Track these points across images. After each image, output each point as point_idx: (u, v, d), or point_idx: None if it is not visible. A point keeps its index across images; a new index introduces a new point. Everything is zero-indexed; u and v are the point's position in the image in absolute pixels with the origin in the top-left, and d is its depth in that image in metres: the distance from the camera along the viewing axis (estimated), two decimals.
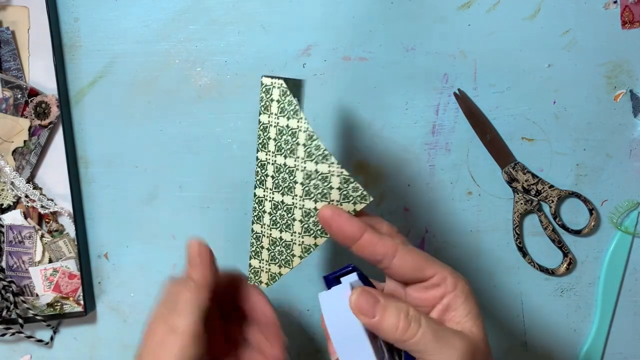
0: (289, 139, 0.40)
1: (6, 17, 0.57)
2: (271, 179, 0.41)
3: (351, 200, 0.39)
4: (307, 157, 0.40)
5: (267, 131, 0.41)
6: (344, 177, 0.38)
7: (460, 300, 0.36)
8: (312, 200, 0.40)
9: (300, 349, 0.60)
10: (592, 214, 0.58)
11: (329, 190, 0.39)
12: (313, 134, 0.39)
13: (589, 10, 0.58)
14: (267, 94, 0.41)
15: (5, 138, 0.57)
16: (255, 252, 0.43)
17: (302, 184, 0.40)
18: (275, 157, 0.41)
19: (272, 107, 0.41)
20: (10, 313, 0.56)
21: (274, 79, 0.40)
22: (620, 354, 0.61)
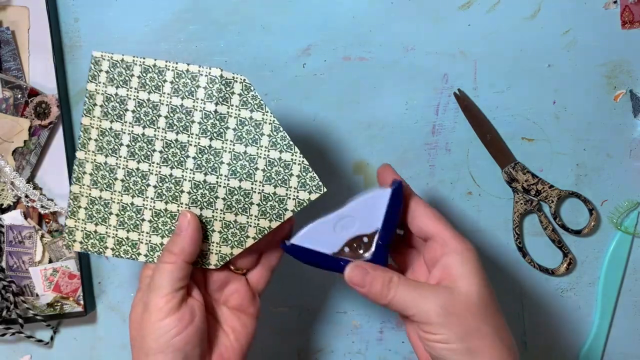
0: (252, 130, 0.43)
1: (6, 17, 0.57)
2: (227, 166, 0.43)
3: (307, 189, 0.43)
4: (272, 146, 0.43)
5: (224, 120, 0.43)
6: (304, 165, 0.43)
7: (457, 262, 0.40)
8: (272, 186, 0.43)
9: (300, 349, 0.60)
10: (592, 214, 0.58)
11: (290, 177, 0.43)
12: (278, 125, 0.43)
13: (589, 10, 0.58)
14: (227, 86, 0.43)
15: (5, 138, 0.57)
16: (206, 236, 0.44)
17: (264, 170, 0.43)
18: (235, 147, 0.43)
19: (232, 100, 0.43)
20: (10, 313, 0.56)
21: (234, 74, 0.43)
22: (620, 354, 0.61)
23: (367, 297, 0.42)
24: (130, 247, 0.44)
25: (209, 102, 0.43)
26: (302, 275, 0.60)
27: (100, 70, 0.44)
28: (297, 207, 0.44)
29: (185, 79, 0.44)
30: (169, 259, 0.42)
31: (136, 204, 0.44)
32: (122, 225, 0.45)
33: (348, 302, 0.60)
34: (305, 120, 0.58)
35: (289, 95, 0.58)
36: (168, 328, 0.40)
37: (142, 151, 0.44)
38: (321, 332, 0.60)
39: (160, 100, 0.44)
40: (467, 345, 0.38)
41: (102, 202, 0.45)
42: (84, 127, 0.45)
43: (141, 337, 0.40)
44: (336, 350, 0.60)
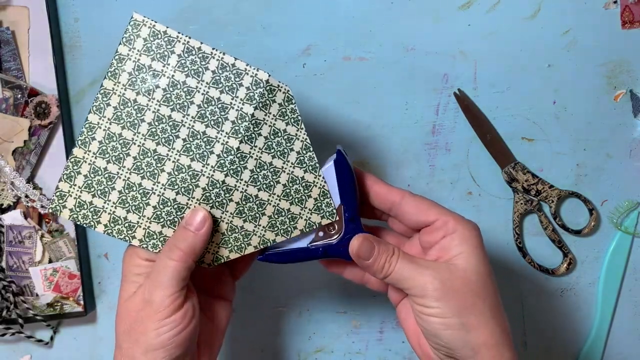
0: (283, 142, 0.42)
1: (6, 17, 0.57)
2: (249, 172, 0.42)
3: (321, 213, 0.43)
4: (298, 163, 0.42)
5: (259, 127, 0.42)
6: (324, 190, 0.43)
7: (455, 242, 0.40)
8: (288, 202, 0.43)
9: (300, 349, 0.60)
10: (592, 214, 0.58)
11: (308, 198, 0.43)
12: (310, 145, 0.42)
13: (589, 10, 0.58)
14: (270, 93, 0.41)
15: (5, 138, 0.57)
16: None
17: (284, 184, 0.42)
18: (262, 156, 0.42)
19: (272, 109, 0.42)
20: (10, 313, 0.56)
21: (280, 82, 0.42)
22: (620, 354, 0.61)
23: (366, 270, 0.42)
24: (126, 228, 0.42)
25: (248, 103, 0.41)
26: (302, 275, 0.60)
27: (138, 36, 0.41)
28: (306, 228, 0.43)
29: (228, 73, 0.41)
30: (177, 257, 0.40)
31: (144, 186, 0.41)
32: (122, 203, 0.42)
33: (348, 302, 0.60)
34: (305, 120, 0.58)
35: None
36: (173, 325, 0.39)
37: (165, 134, 0.41)
38: (321, 332, 0.60)
39: (197, 86, 0.41)
40: (461, 321, 0.38)
41: (107, 174, 0.41)
42: (104, 90, 0.41)
43: (139, 332, 0.39)
44: (336, 350, 0.60)
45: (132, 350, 0.40)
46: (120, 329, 0.41)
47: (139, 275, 0.41)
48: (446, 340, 0.39)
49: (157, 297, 0.39)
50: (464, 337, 0.38)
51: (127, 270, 0.42)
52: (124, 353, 0.40)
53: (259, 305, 0.59)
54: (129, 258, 0.42)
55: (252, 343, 0.60)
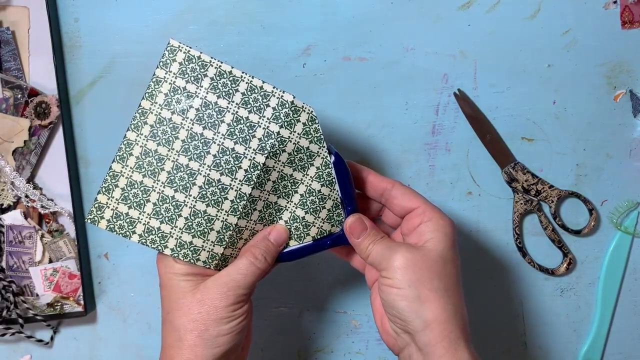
0: (304, 158, 0.45)
1: (6, 17, 0.57)
2: (272, 184, 0.45)
3: (332, 223, 0.47)
4: (316, 178, 0.46)
5: (284, 143, 0.44)
6: (337, 203, 0.46)
7: (429, 228, 0.44)
8: (303, 211, 0.46)
9: (300, 349, 0.60)
10: (592, 214, 0.58)
11: (322, 209, 0.46)
12: (329, 162, 0.45)
13: (588, 10, 0.58)
14: (295, 113, 0.44)
15: (5, 138, 0.57)
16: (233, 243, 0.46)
17: (302, 195, 0.46)
18: (284, 169, 0.45)
19: (296, 128, 0.44)
20: (10, 313, 0.56)
21: (304, 103, 0.44)
22: (620, 354, 0.61)
23: (356, 248, 0.46)
24: (159, 238, 0.44)
25: (274, 122, 0.44)
26: (302, 275, 0.60)
27: (174, 60, 0.44)
28: (317, 235, 0.47)
29: (256, 95, 0.44)
30: (262, 265, 0.45)
31: (177, 199, 0.44)
32: (156, 214, 0.44)
33: (348, 302, 0.60)
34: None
35: None
36: (242, 313, 0.44)
37: (197, 150, 0.44)
38: (321, 332, 0.60)
39: (227, 107, 0.44)
40: (416, 293, 0.41)
41: (142, 187, 0.44)
42: (142, 110, 0.44)
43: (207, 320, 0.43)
44: (336, 350, 0.60)
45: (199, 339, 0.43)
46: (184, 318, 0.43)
47: (186, 275, 0.44)
48: (401, 310, 0.42)
49: (236, 294, 0.44)
50: (417, 309, 0.41)
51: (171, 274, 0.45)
52: (187, 344, 0.43)
53: (259, 305, 0.59)
54: (169, 264, 0.45)
55: (252, 343, 0.60)
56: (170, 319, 0.44)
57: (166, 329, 0.44)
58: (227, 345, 0.43)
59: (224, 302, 0.43)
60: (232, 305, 0.43)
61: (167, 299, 0.44)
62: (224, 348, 0.43)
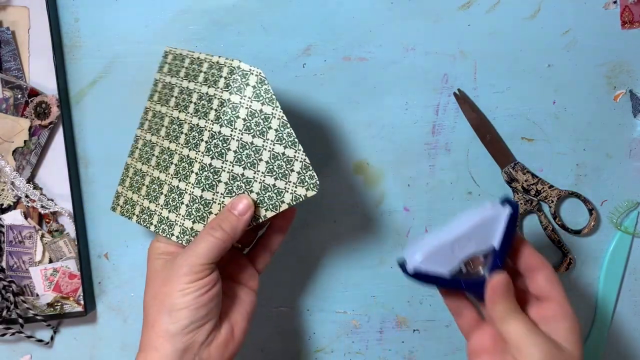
0: (260, 122, 0.45)
1: (6, 17, 0.57)
2: (233, 154, 0.45)
3: (305, 186, 0.45)
4: (277, 140, 0.45)
5: (236, 109, 0.45)
6: (305, 163, 0.45)
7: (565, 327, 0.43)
8: (272, 178, 0.45)
9: (300, 349, 0.60)
10: (592, 214, 0.58)
11: (291, 172, 0.45)
12: (286, 122, 0.45)
13: (588, 10, 0.58)
14: (244, 77, 0.45)
15: (5, 138, 0.57)
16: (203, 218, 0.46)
17: (267, 162, 0.45)
18: (243, 137, 0.45)
19: (246, 92, 0.45)
20: (10, 313, 0.56)
21: (252, 66, 0.45)
22: (620, 354, 0.61)
23: (487, 308, 0.44)
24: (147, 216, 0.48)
25: (226, 91, 0.45)
26: (302, 276, 0.60)
27: (165, 62, 0.50)
28: (293, 201, 0.46)
29: (214, 70, 0.46)
30: (218, 235, 0.44)
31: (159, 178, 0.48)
32: (147, 195, 0.48)
33: (348, 302, 0.60)
34: (305, 120, 0.58)
35: (289, 95, 0.58)
36: (197, 287, 0.43)
37: (174, 133, 0.48)
38: (321, 332, 0.60)
39: (194, 88, 0.47)
40: None
41: (141, 173, 0.49)
42: (145, 109, 0.50)
43: (165, 293, 0.43)
44: (336, 350, 0.60)
45: (157, 314, 0.43)
46: (148, 296, 0.45)
47: (160, 253, 0.46)
48: None
49: (189, 263, 0.43)
50: None
51: (150, 253, 0.47)
52: (150, 320, 0.44)
53: (259, 305, 0.59)
54: (151, 244, 0.48)
55: (252, 343, 0.60)
56: (144, 300, 0.45)
57: (143, 308, 0.46)
58: (184, 320, 0.42)
59: (177, 271, 0.43)
60: (186, 275, 0.43)
61: (146, 280, 0.46)
62: (182, 323, 0.42)
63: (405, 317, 0.60)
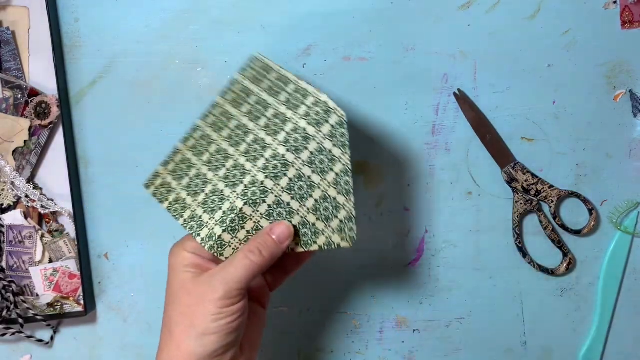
0: (326, 161, 0.44)
1: (6, 17, 0.57)
2: (287, 180, 0.44)
3: (342, 236, 0.44)
4: (334, 184, 0.44)
5: (307, 141, 0.44)
6: (351, 215, 0.44)
7: None
8: (315, 217, 0.45)
9: (300, 349, 0.60)
10: (592, 214, 0.58)
11: (335, 218, 0.44)
12: (350, 170, 0.44)
13: (588, 10, 0.58)
14: (326, 114, 0.44)
15: (5, 138, 0.57)
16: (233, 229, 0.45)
17: (317, 200, 0.45)
18: (303, 167, 0.45)
19: (323, 128, 0.44)
20: (10, 313, 0.56)
21: (337, 106, 0.44)
22: (620, 354, 0.61)
23: None
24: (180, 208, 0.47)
25: (304, 119, 0.45)
26: (303, 276, 0.59)
27: (250, 67, 0.48)
28: (325, 246, 0.45)
29: (298, 94, 0.46)
30: (258, 260, 0.43)
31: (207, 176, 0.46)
32: (187, 187, 0.47)
33: (348, 302, 0.60)
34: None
35: None
36: (230, 313, 0.42)
37: (237, 138, 0.47)
38: (321, 332, 0.60)
39: (272, 103, 0.46)
40: None
41: (188, 163, 0.47)
42: (214, 103, 0.48)
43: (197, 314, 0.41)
44: (336, 350, 0.60)
45: (185, 335, 0.41)
46: (175, 311, 0.43)
47: (188, 265, 0.44)
48: None
49: (226, 287, 0.42)
50: None
51: (176, 263, 0.44)
52: (175, 338, 0.42)
53: None
54: (177, 253, 0.45)
55: None
56: (166, 311, 0.43)
57: (163, 320, 0.44)
58: (213, 345, 0.41)
59: (213, 295, 0.41)
60: (222, 300, 0.41)
61: (168, 291, 0.44)
62: (211, 348, 0.41)
63: (405, 317, 0.60)
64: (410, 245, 0.59)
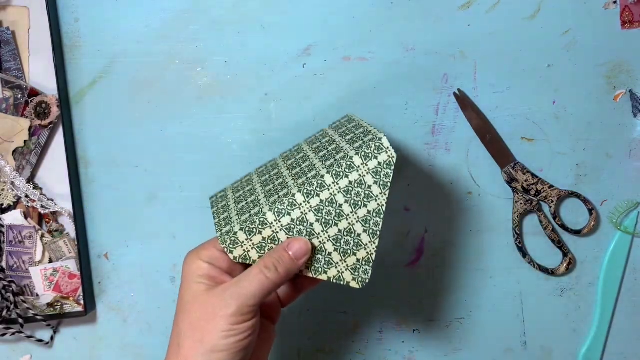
0: (362, 195, 0.44)
1: (6, 17, 0.57)
2: (319, 201, 0.44)
3: (354, 275, 0.44)
4: (363, 221, 0.44)
5: (350, 170, 0.44)
6: (370, 257, 0.44)
7: None
8: (333, 247, 0.44)
9: (300, 349, 0.60)
10: (592, 214, 0.58)
11: (353, 255, 0.44)
12: (383, 212, 0.43)
13: (588, 10, 0.58)
14: (377, 150, 0.44)
15: (5, 138, 0.57)
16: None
17: (340, 231, 0.44)
18: (337, 195, 0.44)
19: (370, 163, 0.44)
20: (10, 313, 0.56)
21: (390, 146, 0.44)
22: (620, 354, 0.61)
23: None
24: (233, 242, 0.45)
25: (354, 149, 0.44)
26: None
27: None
28: (333, 279, 0.45)
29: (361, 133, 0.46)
30: (273, 277, 0.42)
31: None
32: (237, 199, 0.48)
33: (348, 302, 0.60)
34: (305, 120, 0.58)
35: (289, 95, 0.58)
36: (242, 330, 0.40)
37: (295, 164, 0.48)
38: (321, 332, 0.60)
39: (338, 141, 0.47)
40: None
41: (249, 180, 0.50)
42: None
43: (207, 329, 0.40)
44: (336, 350, 0.60)
45: (193, 351, 0.40)
46: (185, 323, 0.41)
47: (202, 276, 0.42)
48: None
49: (239, 303, 0.40)
50: None
51: (190, 272, 0.43)
52: (183, 353, 0.40)
53: None
54: (192, 262, 0.43)
55: None
56: (176, 321, 0.42)
57: (172, 330, 0.42)
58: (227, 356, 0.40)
59: (225, 310, 0.40)
60: (234, 316, 0.40)
61: (180, 301, 0.43)
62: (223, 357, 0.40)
63: (405, 317, 0.60)
64: (410, 245, 0.60)
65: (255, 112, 0.58)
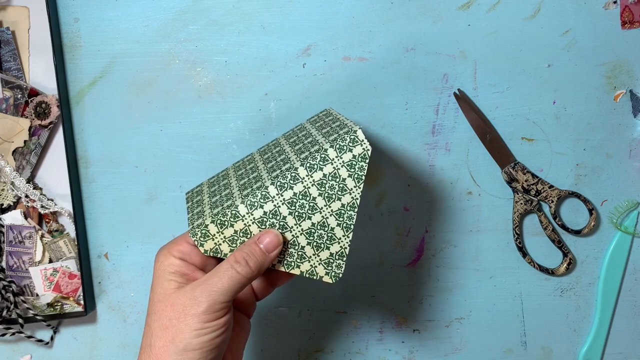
0: (336, 188, 0.43)
1: (6, 17, 0.57)
2: (292, 193, 0.43)
3: (327, 270, 0.44)
4: (337, 215, 0.43)
5: (325, 162, 0.43)
6: (343, 251, 0.43)
7: None
8: (306, 241, 0.43)
9: (300, 349, 0.60)
10: (592, 214, 0.58)
11: (326, 249, 0.43)
12: (357, 206, 0.43)
13: (588, 10, 0.58)
14: (352, 143, 0.43)
15: (5, 138, 0.57)
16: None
17: (313, 224, 0.43)
18: (311, 188, 0.43)
19: (344, 155, 0.43)
20: (10, 313, 0.56)
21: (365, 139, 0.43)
22: (620, 354, 0.61)
23: None
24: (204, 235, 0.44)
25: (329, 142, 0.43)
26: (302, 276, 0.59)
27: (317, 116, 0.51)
28: (306, 273, 0.44)
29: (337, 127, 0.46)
30: (244, 272, 0.41)
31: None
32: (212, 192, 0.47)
33: (348, 302, 0.60)
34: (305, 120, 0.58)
35: (289, 95, 0.58)
36: (214, 328, 0.40)
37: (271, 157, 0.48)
38: (321, 332, 0.60)
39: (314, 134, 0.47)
40: None
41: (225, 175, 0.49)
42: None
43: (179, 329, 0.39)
44: (336, 350, 0.60)
45: (165, 349, 0.39)
46: (156, 324, 0.40)
47: (173, 273, 0.42)
48: None
49: (210, 300, 0.40)
50: None
51: (161, 270, 0.42)
52: (155, 353, 0.39)
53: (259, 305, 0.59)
54: (163, 258, 0.42)
55: (252, 343, 0.60)
56: (148, 322, 0.41)
57: (144, 331, 0.41)
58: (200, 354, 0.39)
59: (195, 308, 0.39)
60: (205, 314, 0.39)
61: (150, 300, 0.42)
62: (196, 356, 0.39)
63: (405, 317, 0.60)
64: (410, 245, 0.60)
65: (255, 112, 0.58)
